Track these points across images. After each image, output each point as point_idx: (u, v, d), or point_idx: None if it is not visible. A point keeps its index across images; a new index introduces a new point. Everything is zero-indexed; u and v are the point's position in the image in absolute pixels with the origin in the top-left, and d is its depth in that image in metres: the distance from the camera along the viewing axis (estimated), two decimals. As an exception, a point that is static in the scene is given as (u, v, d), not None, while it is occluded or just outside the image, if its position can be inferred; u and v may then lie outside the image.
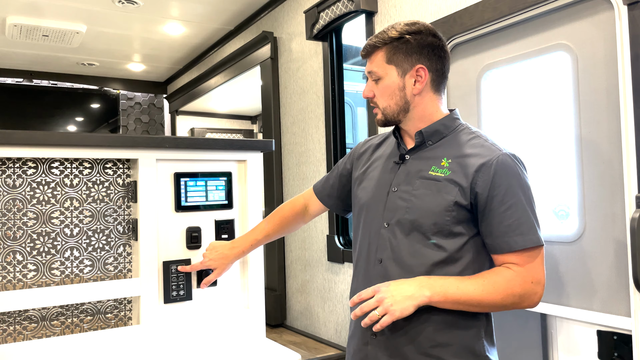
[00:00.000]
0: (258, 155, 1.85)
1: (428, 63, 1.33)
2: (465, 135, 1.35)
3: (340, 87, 3.09)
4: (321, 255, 3.17)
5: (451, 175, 1.28)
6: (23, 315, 1.53)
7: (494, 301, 1.23)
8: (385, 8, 2.60)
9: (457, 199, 1.26)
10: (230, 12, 3.90)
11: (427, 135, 1.35)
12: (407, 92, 1.34)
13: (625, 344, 1.61)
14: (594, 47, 1.70)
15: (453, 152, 1.32)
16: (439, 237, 1.27)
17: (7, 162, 1.52)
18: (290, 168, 3.52)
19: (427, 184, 1.30)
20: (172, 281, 1.68)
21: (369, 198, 1.42)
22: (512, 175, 1.25)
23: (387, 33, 1.35)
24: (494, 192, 1.24)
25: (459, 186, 1.26)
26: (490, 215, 1.25)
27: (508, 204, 1.24)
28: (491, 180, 1.24)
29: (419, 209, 1.29)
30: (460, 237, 1.28)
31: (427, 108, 1.36)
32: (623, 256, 1.61)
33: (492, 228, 1.25)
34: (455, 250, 1.27)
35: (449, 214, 1.26)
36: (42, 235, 1.55)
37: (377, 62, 1.36)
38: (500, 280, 1.23)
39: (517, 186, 1.25)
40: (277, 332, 3.38)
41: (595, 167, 1.70)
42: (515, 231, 1.23)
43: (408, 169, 1.35)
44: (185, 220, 1.73)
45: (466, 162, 1.28)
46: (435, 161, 1.32)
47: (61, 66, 5.16)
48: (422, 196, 1.29)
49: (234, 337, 1.77)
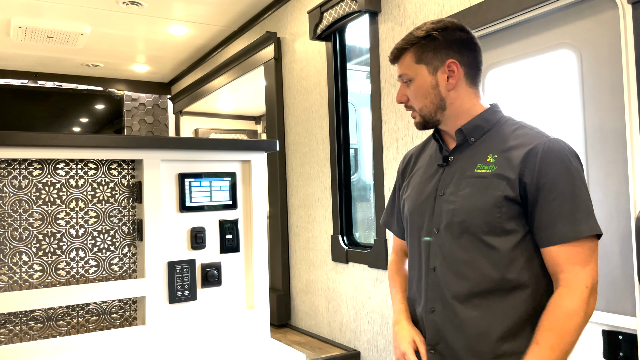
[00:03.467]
0: (262, 156, 1.85)
1: (459, 57, 1.28)
2: (509, 126, 1.28)
3: (344, 87, 3.09)
4: (325, 255, 3.17)
5: (498, 170, 1.21)
6: (29, 316, 1.54)
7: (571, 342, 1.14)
8: (389, 8, 2.60)
9: (506, 192, 1.19)
10: (233, 13, 3.91)
11: (467, 132, 1.29)
12: (441, 89, 1.29)
13: (631, 344, 1.60)
14: (599, 46, 1.70)
15: (498, 146, 1.25)
16: (492, 236, 1.20)
17: (13, 164, 1.53)
18: (294, 168, 3.52)
19: (474, 183, 1.24)
20: (177, 281, 1.68)
21: (416, 205, 1.36)
22: (561, 162, 1.17)
23: (413, 34, 1.31)
24: (541, 181, 1.17)
25: (506, 179, 1.19)
26: (538, 205, 1.18)
27: (556, 193, 1.16)
28: (538, 168, 1.17)
29: (467, 209, 1.23)
30: (514, 234, 1.20)
31: (465, 103, 1.30)
32: (628, 256, 1.60)
33: (540, 219, 1.17)
34: (510, 250, 1.20)
35: (499, 210, 1.19)
36: (47, 235, 1.56)
37: (406, 63, 1.31)
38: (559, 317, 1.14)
39: (565, 173, 1.17)
40: (282, 332, 3.38)
41: (600, 166, 1.70)
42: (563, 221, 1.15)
43: (453, 171, 1.30)
44: (190, 220, 1.73)
45: (512, 154, 1.21)
46: (480, 158, 1.26)
47: (66, 67, 5.18)
48: (469, 196, 1.23)
49: (238, 337, 1.78)
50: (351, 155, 3.13)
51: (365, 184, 3.26)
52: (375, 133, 2.70)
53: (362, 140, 3.31)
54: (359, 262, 2.85)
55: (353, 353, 2.87)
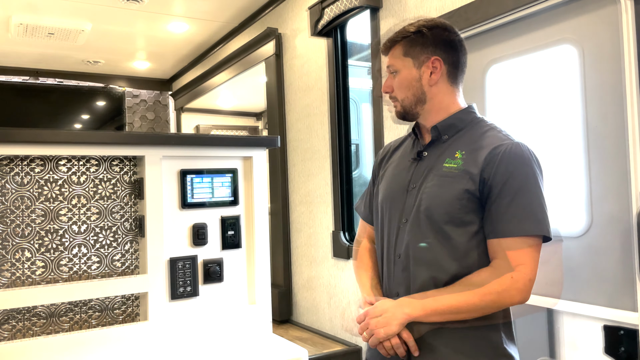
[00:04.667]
0: (263, 152, 1.86)
1: (444, 55, 1.35)
2: (481, 128, 1.35)
3: (345, 84, 3.09)
4: (327, 251, 3.17)
5: (464, 165, 1.29)
6: (32, 312, 1.54)
7: (473, 304, 1.21)
8: (390, 3, 2.60)
9: (467, 186, 1.26)
10: (234, 9, 3.90)
11: (442, 129, 1.36)
12: (423, 82, 1.36)
13: (632, 339, 1.61)
14: (600, 42, 1.70)
15: (467, 144, 1.32)
16: (451, 226, 1.27)
17: (15, 160, 1.53)
18: (295, 164, 3.52)
19: (442, 177, 1.31)
20: (179, 277, 1.69)
21: (388, 196, 1.43)
22: (520, 163, 1.25)
23: (405, 28, 1.39)
24: (497, 179, 1.24)
25: (469, 174, 1.27)
26: (489, 200, 1.25)
27: (508, 191, 1.23)
28: (497, 166, 1.24)
29: (432, 199, 1.30)
30: (471, 225, 1.27)
31: (444, 100, 1.37)
32: (629, 251, 1.61)
33: (489, 213, 1.25)
34: (466, 241, 1.27)
35: (459, 202, 1.26)
36: (50, 232, 1.57)
37: (395, 55, 1.39)
38: (476, 281, 1.23)
39: (522, 174, 1.24)
40: (284, 328, 3.39)
41: (601, 162, 1.70)
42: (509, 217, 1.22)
43: (425, 165, 1.37)
44: (191, 217, 1.73)
45: (478, 153, 1.28)
46: (449, 154, 1.33)
47: (66, 64, 5.18)
48: (434, 188, 1.31)
49: (240, 333, 1.78)
50: (352, 151, 3.13)
51: (367, 180, 3.26)
52: (376, 129, 2.70)
53: (363, 136, 3.31)
54: (360, 258, 2.85)
55: (354, 348, 2.88)
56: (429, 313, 1.24)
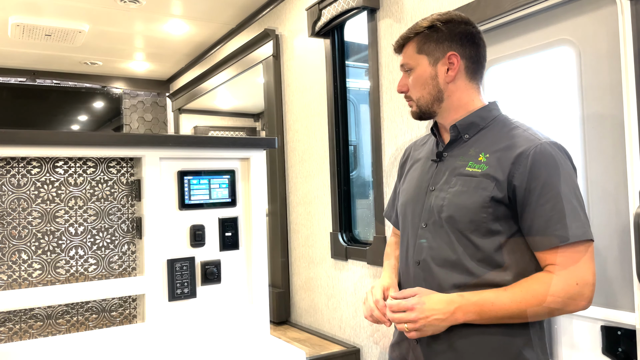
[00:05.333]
0: (261, 153, 1.85)
1: (461, 50, 1.28)
2: (504, 126, 1.27)
3: (343, 84, 3.09)
4: (325, 252, 3.17)
5: (488, 170, 1.21)
6: (29, 314, 1.54)
7: (535, 311, 1.15)
8: (388, 4, 2.60)
9: (494, 194, 1.18)
10: (232, 10, 3.90)
11: (462, 128, 1.29)
12: (439, 80, 1.29)
13: (630, 339, 1.61)
14: (597, 42, 1.70)
15: (491, 145, 1.24)
16: (477, 235, 1.20)
17: (12, 162, 1.53)
18: (293, 165, 3.52)
19: (464, 181, 1.24)
20: (177, 279, 1.69)
21: (409, 199, 1.37)
22: (552, 165, 1.16)
23: (418, 24, 1.31)
24: (532, 184, 1.16)
25: (495, 180, 1.19)
26: (529, 209, 1.17)
27: (547, 197, 1.15)
28: (529, 171, 1.16)
29: (455, 206, 1.22)
30: (499, 235, 1.20)
31: (463, 97, 1.30)
32: (627, 251, 1.61)
33: (532, 223, 1.17)
34: (494, 250, 1.20)
35: (486, 211, 1.19)
36: (47, 234, 1.56)
37: (409, 53, 1.32)
38: (539, 288, 1.15)
39: (557, 176, 1.16)
40: (282, 329, 3.39)
41: (599, 162, 1.70)
42: (556, 225, 1.14)
43: (446, 167, 1.30)
44: (189, 218, 1.73)
45: (503, 155, 1.20)
46: (472, 156, 1.26)
47: (64, 65, 5.17)
48: (458, 193, 1.23)
49: (238, 334, 1.78)
50: (350, 152, 3.13)
51: (365, 180, 3.26)
52: (374, 130, 2.70)
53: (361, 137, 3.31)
54: (358, 259, 2.85)
55: (353, 350, 2.88)
56: (485, 318, 1.17)
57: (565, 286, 1.15)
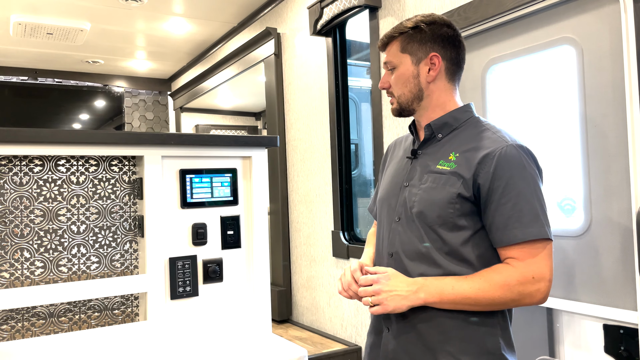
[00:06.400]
0: (263, 152, 1.85)
1: (442, 51, 1.34)
2: (476, 128, 1.34)
3: (345, 83, 3.09)
4: (326, 251, 3.17)
5: (456, 168, 1.27)
6: (31, 312, 1.54)
7: (492, 299, 1.21)
8: (389, 3, 2.59)
9: (460, 191, 1.25)
10: (233, 8, 3.90)
11: (435, 128, 1.35)
12: (421, 79, 1.34)
13: (632, 338, 1.61)
14: (600, 41, 1.70)
15: (461, 145, 1.31)
16: (444, 229, 1.27)
17: (14, 160, 1.53)
18: (294, 164, 3.52)
19: (434, 178, 1.30)
20: (179, 277, 1.69)
21: (385, 194, 1.43)
22: (515, 167, 1.23)
23: (403, 24, 1.37)
24: (495, 184, 1.22)
25: (462, 179, 1.25)
26: (491, 207, 1.23)
27: (509, 196, 1.21)
28: (492, 171, 1.23)
29: (425, 202, 1.29)
30: (465, 230, 1.26)
31: (441, 97, 1.36)
32: (629, 250, 1.61)
33: (493, 220, 1.23)
34: (460, 244, 1.26)
35: (453, 206, 1.25)
36: (49, 232, 1.56)
37: (393, 51, 1.38)
38: (497, 277, 1.21)
39: (520, 177, 1.22)
40: (283, 328, 3.39)
41: (601, 161, 1.70)
42: (515, 223, 1.21)
43: (420, 164, 1.36)
44: (191, 216, 1.73)
45: (471, 155, 1.27)
46: (443, 155, 1.32)
47: (66, 64, 5.18)
48: (428, 189, 1.30)
49: (240, 332, 1.78)
50: (352, 150, 3.13)
51: (366, 179, 3.26)
52: (375, 128, 2.70)
53: (362, 136, 3.31)
54: (359, 258, 2.85)
55: (354, 348, 2.88)
56: (445, 301, 1.23)
57: (521, 278, 1.20)
